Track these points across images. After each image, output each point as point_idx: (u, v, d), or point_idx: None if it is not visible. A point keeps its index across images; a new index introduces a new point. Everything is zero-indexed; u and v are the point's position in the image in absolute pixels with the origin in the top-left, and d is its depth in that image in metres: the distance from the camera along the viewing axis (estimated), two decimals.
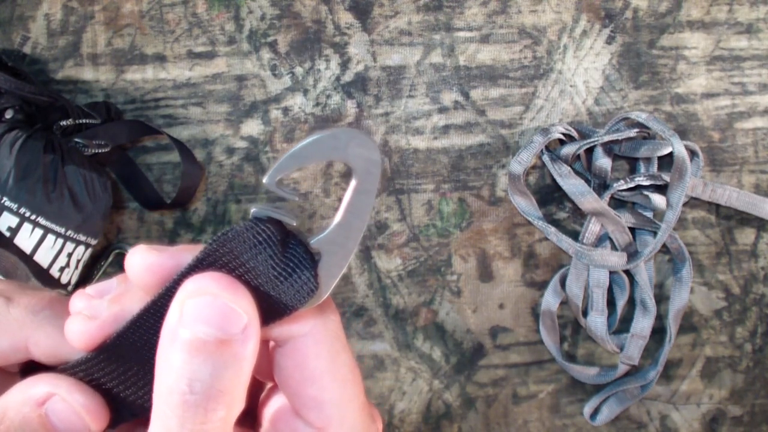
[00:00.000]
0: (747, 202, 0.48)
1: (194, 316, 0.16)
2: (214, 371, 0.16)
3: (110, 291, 0.19)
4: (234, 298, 0.16)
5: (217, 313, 0.16)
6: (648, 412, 0.50)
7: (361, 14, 0.50)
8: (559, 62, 0.50)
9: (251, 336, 0.16)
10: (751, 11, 0.50)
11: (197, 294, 0.16)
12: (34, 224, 0.41)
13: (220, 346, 0.16)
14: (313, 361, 0.18)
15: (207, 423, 0.16)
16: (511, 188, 0.49)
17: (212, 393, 0.16)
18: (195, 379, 0.16)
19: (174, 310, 0.16)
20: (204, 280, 0.16)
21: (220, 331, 0.16)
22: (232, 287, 0.16)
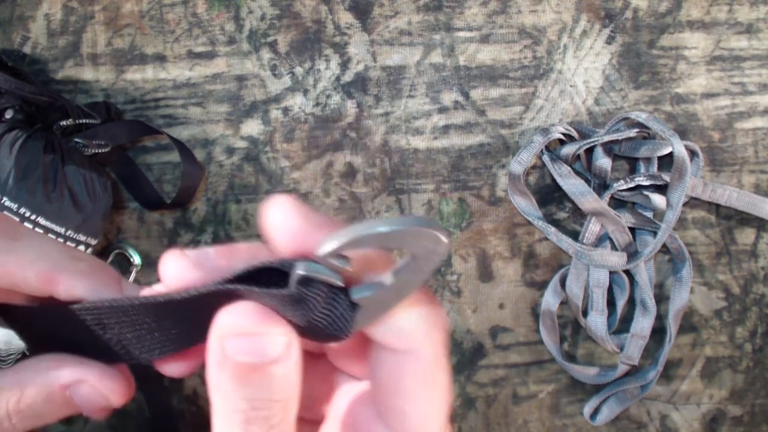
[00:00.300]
0: (747, 202, 0.48)
1: (235, 350, 0.17)
2: (268, 387, 0.17)
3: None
4: (271, 329, 0.17)
5: (257, 344, 0.17)
6: (648, 412, 0.50)
7: (361, 14, 0.50)
8: (559, 62, 0.50)
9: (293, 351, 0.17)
10: (751, 11, 0.50)
11: (235, 330, 0.17)
12: (34, 224, 0.41)
13: (268, 367, 0.17)
14: (409, 378, 0.19)
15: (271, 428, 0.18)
16: (511, 188, 0.49)
17: (271, 404, 0.18)
18: (253, 398, 0.17)
19: (215, 347, 0.17)
20: (237, 317, 0.17)
21: (265, 357, 0.17)
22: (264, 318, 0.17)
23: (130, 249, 0.49)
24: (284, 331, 0.17)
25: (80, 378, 0.20)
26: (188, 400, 0.49)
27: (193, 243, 0.49)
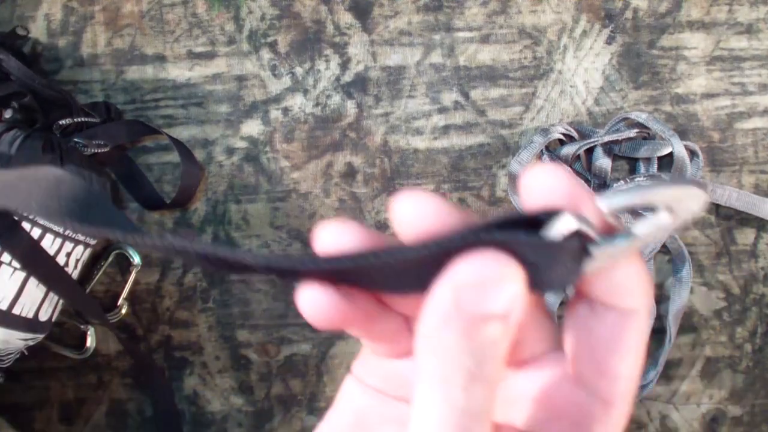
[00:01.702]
0: (747, 202, 0.48)
1: (473, 301, 0.16)
2: (495, 343, 0.17)
3: None
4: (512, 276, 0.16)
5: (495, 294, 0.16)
6: (648, 412, 0.50)
7: (361, 14, 0.50)
8: (559, 62, 0.50)
9: (523, 304, 0.17)
10: (751, 11, 0.50)
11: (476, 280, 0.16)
12: (32, 223, 0.41)
13: (500, 320, 0.16)
14: (631, 336, 0.19)
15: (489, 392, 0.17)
16: (511, 188, 0.49)
17: (495, 362, 0.17)
18: (479, 355, 0.17)
19: (445, 298, 0.16)
20: (482, 265, 0.16)
21: (500, 308, 0.16)
22: (508, 266, 0.16)
23: (130, 249, 0.49)
24: (518, 279, 0.17)
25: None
26: (188, 400, 0.49)
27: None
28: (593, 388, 0.19)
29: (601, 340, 0.19)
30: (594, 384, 0.19)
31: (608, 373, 0.19)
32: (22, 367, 0.47)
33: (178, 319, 0.49)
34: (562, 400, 0.20)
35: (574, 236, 0.17)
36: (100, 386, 0.49)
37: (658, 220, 0.17)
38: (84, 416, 0.49)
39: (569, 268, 0.18)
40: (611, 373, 0.19)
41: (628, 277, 0.18)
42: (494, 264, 0.16)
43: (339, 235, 0.18)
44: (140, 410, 0.49)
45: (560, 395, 0.20)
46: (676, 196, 0.17)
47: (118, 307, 0.49)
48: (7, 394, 0.49)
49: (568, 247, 0.17)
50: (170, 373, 0.49)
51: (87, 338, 0.49)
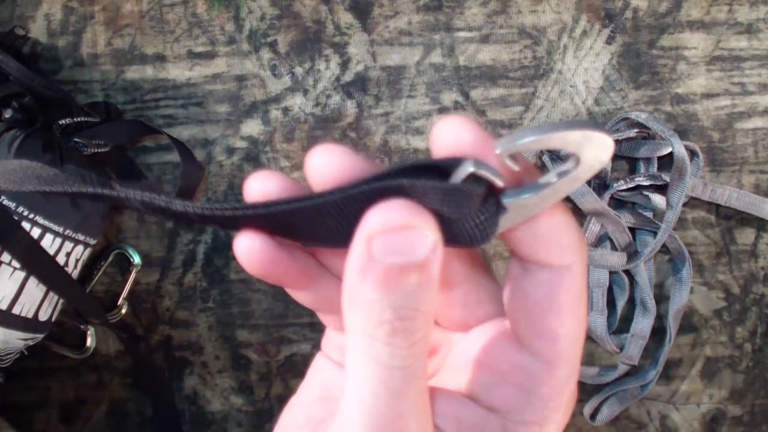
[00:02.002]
0: (747, 202, 0.48)
1: (384, 250, 0.16)
2: (415, 294, 0.16)
3: None
4: (421, 222, 0.16)
5: (408, 241, 0.16)
6: (648, 412, 0.50)
7: (361, 14, 0.50)
8: (559, 62, 0.50)
9: (440, 253, 0.17)
10: (751, 11, 0.50)
11: (385, 227, 0.16)
12: (32, 223, 0.41)
13: (417, 269, 0.16)
14: (564, 294, 0.18)
15: (414, 344, 0.17)
16: None
17: (416, 315, 0.17)
18: (399, 306, 0.16)
19: (360, 250, 0.16)
20: (389, 212, 0.16)
21: (414, 257, 0.16)
22: (417, 212, 0.16)
23: (130, 249, 0.49)
24: (434, 227, 0.16)
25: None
26: (188, 400, 0.49)
27: (193, 243, 0.49)
28: (534, 349, 0.19)
29: (535, 300, 0.19)
30: (535, 345, 0.19)
31: (546, 333, 0.19)
32: (22, 367, 0.47)
33: (178, 319, 0.49)
34: (506, 363, 0.20)
35: (478, 183, 0.17)
36: (100, 386, 0.49)
37: (565, 168, 0.17)
38: (84, 416, 0.49)
39: (483, 221, 0.17)
40: (549, 333, 0.19)
41: (552, 231, 0.18)
42: (404, 211, 0.16)
43: (266, 182, 0.18)
44: (140, 410, 0.49)
45: (504, 358, 0.20)
46: (577, 141, 0.16)
47: (118, 307, 0.49)
48: (7, 394, 0.49)
49: (474, 194, 0.17)
50: (170, 373, 0.49)
51: (87, 338, 0.49)
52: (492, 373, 0.20)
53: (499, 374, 0.20)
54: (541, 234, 0.18)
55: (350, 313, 0.17)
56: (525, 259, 0.19)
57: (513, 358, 0.20)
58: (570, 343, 0.19)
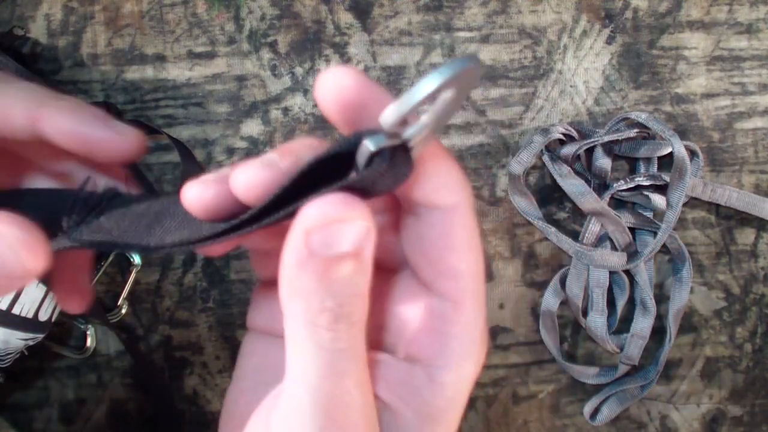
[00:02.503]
0: (747, 202, 0.48)
1: (322, 243, 0.17)
2: (353, 280, 0.17)
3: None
4: (355, 213, 0.17)
5: (344, 233, 0.17)
6: (648, 412, 0.50)
7: (361, 14, 0.50)
8: (559, 62, 0.50)
9: (373, 238, 0.17)
10: (751, 11, 0.50)
11: (322, 222, 0.17)
12: None
13: (353, 258, 0.17)
14: (459, 231, 0.20)
15: (353, 325, 0.18)
16: (511, 188, 0.49)
17: (354, 299, 0.17)
18: (339, 294, 0.17)
19: (299, 242, 0.17)
20: (325, 207, 0.17)
21: (351, 246, 0.17)
22: (351, 204, 0.17)
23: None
24: (366, 215, 0.17)
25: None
26: (188, 400, 0.49)
27: None
28: (440, 290, 0.20)
29: (432, 242, 0.20)
30: (439, 286, 0.20)
31: (448, 272, 0.20)
32: (22, 367, 0.47)
33: (178, 319, 0.49)
34: (417, 309, 0.21)
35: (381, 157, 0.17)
36: (100, 386, 0.49)
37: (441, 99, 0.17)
38: (84, 416, 0.49)
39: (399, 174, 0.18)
40: (451, 271, 0.20)
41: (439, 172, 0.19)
42: (338, 206, 0.17)
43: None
44: (140, 410, 0.49)
45: (414, 305, 0.21)
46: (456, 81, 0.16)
47: (118, 307, 0.49)
48: (7, 394, 0.49)
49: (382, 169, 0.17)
50: (170, 373, 0.49)
51: (87, 338, 0.49)
52: (406, 323, 0.21)
53: (412, 322, 0.21)
54: (429, 175, 0.19)
55: (290, 302, 0.18)
56: (415, 202, 0.19)
57: (422, 304, 0.21)
58: (472, 279, 0.20)
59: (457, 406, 0.21)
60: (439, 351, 0.20)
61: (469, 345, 0.20)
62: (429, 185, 0.19)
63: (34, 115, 0.21)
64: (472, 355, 0.20)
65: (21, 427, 0.49)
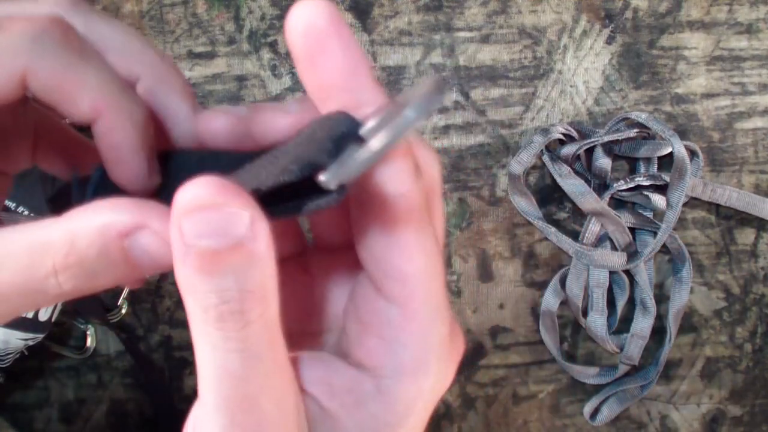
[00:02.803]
0: (747, 202, 0.48)
1: (195, 233, 0.15)
2: (238, 275, 0.15)
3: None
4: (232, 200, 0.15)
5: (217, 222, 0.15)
6: (648, 412, 0.50)
7: (361, 14, 0.50)
8: (559, 62, 0.50)
9: (260, 230, 0.15)
10: (751, 11, 0.50)
11: (191, 209, 0.15)
12: None
13: (233, 251, 0.15)
14: (405, 226, 0.17)
15: (248, 324, 0.16)
16: (511, 188, 0.49)
17: (243, 296, 0.16)
18: (222, 289, 0.15)
19: (174, 233, 0.15)
20: (194, 190, 0.15)
21: (227, 238, 0.15)
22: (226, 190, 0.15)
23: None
24: (247, 204, 0.15)
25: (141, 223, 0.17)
26: (188, 400, 0.49)
27: None
28: (387, 293, 0.18)
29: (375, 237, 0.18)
30: (386, 288, 0.18)
31: (393, 273, 0.18)
32: (22, 367, 0.47)
33: (178, 319, 0.49)
34: (367, 312, 0.19)
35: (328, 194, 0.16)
36: (100, 386, 0.49)
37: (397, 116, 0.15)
38: (84, 416, 0.49)
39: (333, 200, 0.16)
40: (396, 272, 0.18)
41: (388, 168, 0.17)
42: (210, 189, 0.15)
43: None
44: (140, 410, 0.49)
45: (365, 308, 0.19)
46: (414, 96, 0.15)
47: (118, 307, 0.49)
48: (7, 394, 0.49)
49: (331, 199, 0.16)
50: (170, 373, 0.49)
51: (87, 338, 0.49)
52: (358, 327, 0.19)
53: (363, 326, 0.19)
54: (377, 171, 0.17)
55: (184, 298, 0.16)
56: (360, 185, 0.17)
57: (372, 306, 0.19)
58: (422, 283, 0.18)
59: (410, 424, 0.19)
60: (387, 361, 0.18)
61: (422, 356, 0.18)
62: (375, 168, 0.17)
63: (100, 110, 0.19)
64: (427, 370, 0.18)
65: (21, 427, 0.49)
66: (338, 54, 0.16)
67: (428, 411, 0.19)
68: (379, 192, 0.17)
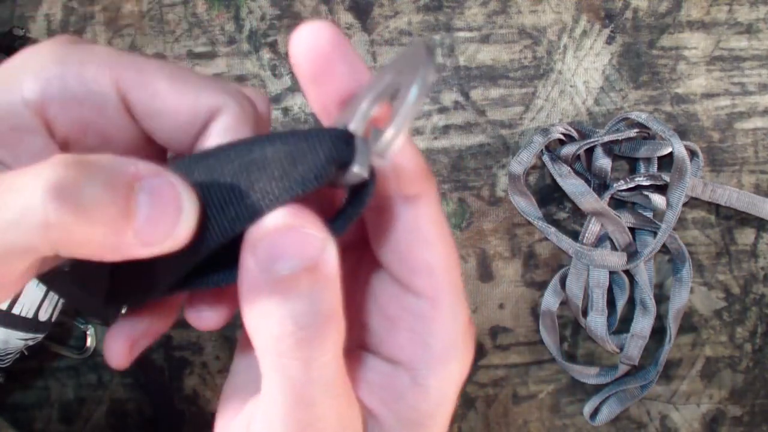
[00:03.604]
0: (747, 202, 0.48)
1: (271, 257, 0.15)
2: (314, 299, 0.15)
3: None
4: (304, 222, 0.15)
5: (293, 245, 0.15)
6: (648, 412, 0.50)
7: (361, 14, 0.50)
8: (559, 62, 0.50)
9: (332, 250, 0.16)
10: (751, 11, 0.50)
11: (266, 233, 0.15)
12: None
13: (310, 274, 0.15)
14: (427, 224, 0.18)
15: (326, 350, 0.16)
16: (511, 188, 0.49)
17: (321, 320, 0.16)
18: (299, 314, 0.15)
19: (248, 261, 0.15)
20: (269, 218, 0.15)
21: (303, 260, 0.15)
22: (299, 214, 0.15)
23: None
24: (319, 226, 0.15)
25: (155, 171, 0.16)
26: (188, 400, 0.49)
27: None
28: (415, 287, 0.19)
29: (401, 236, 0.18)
30: (414, 283, 0.19)
31: (421, 267, 0.18)
32: (22, 367, 0.47)
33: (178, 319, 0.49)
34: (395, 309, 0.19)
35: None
36: (100, 386, 0.49)
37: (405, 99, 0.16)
38: (84, 416, 0.49)
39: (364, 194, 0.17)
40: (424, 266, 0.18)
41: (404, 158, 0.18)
42: (284, 214, 0.15)
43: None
44: (140, 410, 0.49)
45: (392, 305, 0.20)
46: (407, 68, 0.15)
47: None
48: (7, 394, 0.49)
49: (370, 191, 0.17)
50: (170, 373, 0.49)
51: (87, 338, 0.49)
52: (385, 323, 0.20)
53: (392, 323, 0.20)
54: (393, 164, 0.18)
55: (253, 332, 0.16)
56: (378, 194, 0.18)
57: (400, 303, 0.19)
58: (447, 273, 0.19)
59: (444, 410, 0.19)
60: (420, 353, 0.19)
61: (452, 344, 0.19)
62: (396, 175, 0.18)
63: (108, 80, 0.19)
64: (456, 355, 0.19)
65: (21, 427, 0.49)
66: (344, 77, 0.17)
67: (456, 395, 0.20)
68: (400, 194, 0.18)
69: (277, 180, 0.16)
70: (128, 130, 0.20)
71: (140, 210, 0.15)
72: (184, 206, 0.16)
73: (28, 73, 0.18)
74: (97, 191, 0.15)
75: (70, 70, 0.18)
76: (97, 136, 0.19)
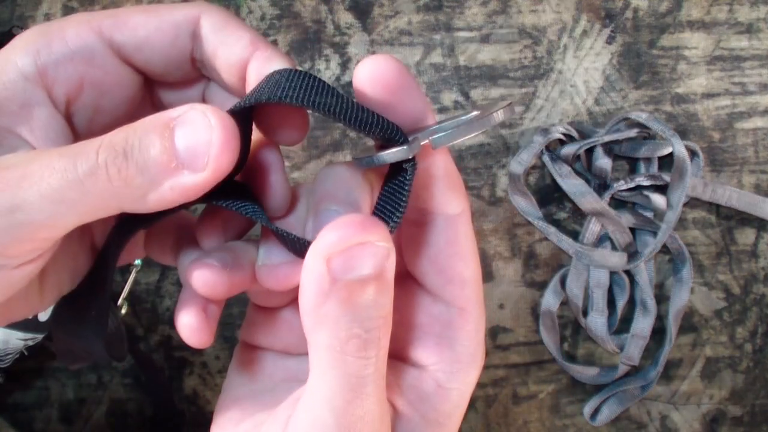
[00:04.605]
0: (747, 202, 0.48)
1: (345, 268, 0.16)
2: (379, 304, 0.17)
3: None
4: (375, 235, 0.17)
5: (365, 257, 0.16)
6: (648, 412, 0.50)
7: (361, 14, 0.50)
8: (559, 62, 0.50)
9: (393, 258, 0.17)
10: (751, 11, 0.50)
11: (341, 244, 0.16)
12: None
13: (376, 281, 0.17)
14: (464, 239, 0.20)
15: (381, 351, 0.18)
16: (511, 188, 0.49)
17: (383, 322, 0.17)
18: (365, 318, 0.17)
19: (319, 268, 0.16)
20: (344, 230, 0.16)
21: (374, 269, 0.16)
22: (370, 226, 0.17)
23: None
24: (386, 236, 0.17)
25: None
26: (188, 400, 0.49)
27: None
28: (447, 297, 0.20)
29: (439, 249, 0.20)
30: (446, 293, 0.20)
31: (455, 279, 0.20)
32: (22, 367, 0.47)
33: None
34: (424, 316, 0.21)
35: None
36: (100, 386, 0.49)
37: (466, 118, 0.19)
38: (84, 416, 0.49)
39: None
40: (458, 278, 0.20)
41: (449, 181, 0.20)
42: (357, 228, 0.16)
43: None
44: (140, 410, 0.49)
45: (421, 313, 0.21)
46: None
47: (118, 307, 0.49)
48: (7, 394, 0.49)
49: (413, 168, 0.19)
50: (170, 373, 0.49)
51: None
52: (412, 330, 0.21)
53: (420, 329, 0.21)
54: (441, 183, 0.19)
55: (314, 331, 0.17)
56: (425, 210, 0.20)
57: (429, 311, 0.21)
58: (477, 285, 0.21)
59: (461, 411, 0.21)
60: (447, 358, 0.20)
61: (475, 350, 0.21)
62: (440, 193, 0.20)
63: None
64: (477, 361, 0.21)
65: (21, 427, 0.49)
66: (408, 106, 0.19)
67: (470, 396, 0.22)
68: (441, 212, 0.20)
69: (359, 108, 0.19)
70: (123, 75, 0.21)
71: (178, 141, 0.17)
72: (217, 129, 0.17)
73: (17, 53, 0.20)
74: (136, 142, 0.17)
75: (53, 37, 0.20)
76: (95, 89, 0.21)
